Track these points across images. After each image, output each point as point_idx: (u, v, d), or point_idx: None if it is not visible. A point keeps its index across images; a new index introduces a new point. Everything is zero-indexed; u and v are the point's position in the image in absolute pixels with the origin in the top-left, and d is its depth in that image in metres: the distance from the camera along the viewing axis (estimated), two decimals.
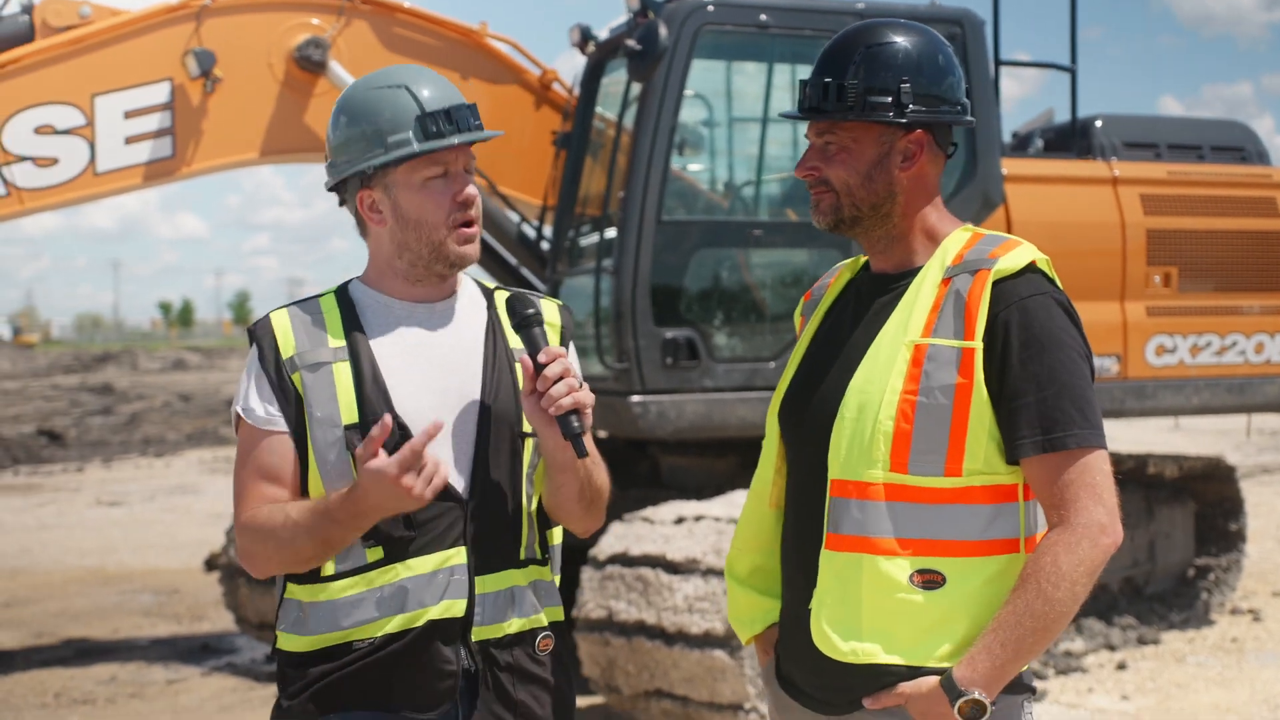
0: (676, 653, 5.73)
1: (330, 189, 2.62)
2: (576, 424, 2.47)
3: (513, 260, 7.82)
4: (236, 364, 47.31)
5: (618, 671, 5.97)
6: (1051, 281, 2.43)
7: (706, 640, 5.68)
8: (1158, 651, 7.65)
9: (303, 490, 2.55)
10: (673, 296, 6.77)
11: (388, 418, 2.37)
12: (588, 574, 6.10)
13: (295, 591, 2.54)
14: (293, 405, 2.50)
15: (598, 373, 6.68)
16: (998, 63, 7.41)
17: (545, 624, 2.61)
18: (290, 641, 2.55)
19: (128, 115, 6.97)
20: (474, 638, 2.52)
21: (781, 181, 7.35)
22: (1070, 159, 7.77)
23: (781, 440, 2.63)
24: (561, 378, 2.46)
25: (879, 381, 2.38)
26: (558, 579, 2.71)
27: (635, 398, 6.57)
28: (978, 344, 2.34)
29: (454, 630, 2.50)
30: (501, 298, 2.69)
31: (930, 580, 2.35)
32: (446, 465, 2.46)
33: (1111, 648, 7.64)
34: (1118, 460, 7.82)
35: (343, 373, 2.50)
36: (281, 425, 2.51)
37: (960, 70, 2.52)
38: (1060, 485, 2.32)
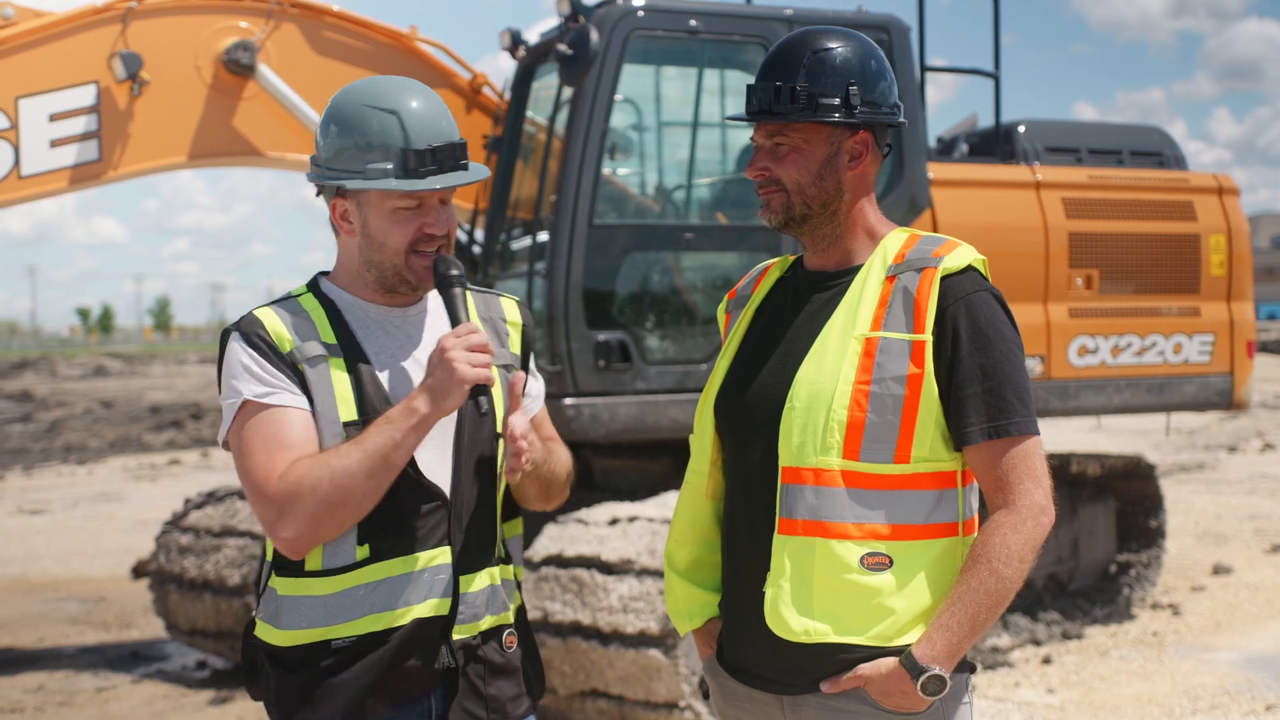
0: (612, 653, 5.77)
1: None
2: (484, 402, 2.48)
3: None
4: (159, 370, 46.70)
5: (553, 672, 5.99)
6: (987, 279, 2.57)
7: (641, 640, 5.72)
8: (1081, 646, 7.79)
9: None
10: (605, 300, 6.80)
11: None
12: (523, 575, 6.11)
13: (275, 582, 2.54)
14: (303, 395, 2.49)
15: None
16: (923, 68, 7.51)
17: (512, 620, 2.66)
18: (267, 632, 2.56)
19: (53, 118, 6.88)
20: (454, 636, 2.55)
21: (712, 185, 7.41)
22: (994, 164, 7.89)
23: (717, 433, 2.71)
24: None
25: (829, 373, 2.48)
26: (520, 571, 2.76)
27: (568, 400, 6.59)
28: (928, 337, 2.47)
29: (436, 629, 2.53)
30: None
31: (879, 563, 2.46)
32: (432, 466, 2.53)
33: (1037, 643, 7.78)
34: None
35: (338, 369, 2.51)
36: (304, 404, 2.49)
37: (892, 74, 2.64)
38: (1003, 469, 2.46)
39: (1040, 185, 7.76)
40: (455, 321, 2.54)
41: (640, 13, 6.76)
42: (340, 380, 2.50)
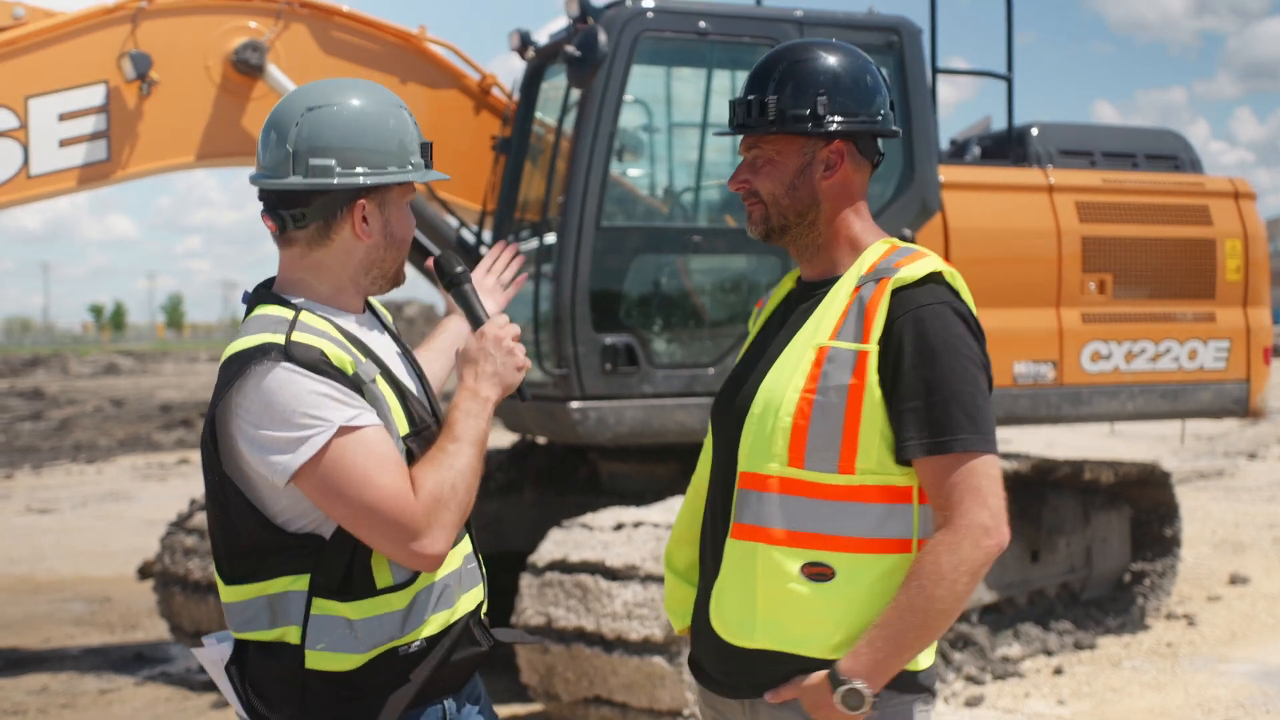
0: (615, 659, 5.72)
1: (303, 196, 2.48)
2: (527, 390, 2.68)
3: None
4: (171, 368, 46.79)
5: (556, 678, 5.95)
6: (955, 292, 2.53)
7: (645, 647, 5.67)
8: (1094, 656, 7.71)
9: None
10: (612, 302, 6.75)
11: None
12: (527, 580, 6.07)
13: (337, 608, 2.42)
14: (376, 413, 2.44)
15: (537, 378, 6.66)
16: (934, 70, 7.45)
17: None
18: (333, 661, 2.43)
19: (62, 118, 6.87)
20: (481, 614, 2.63)
21: (721, 187, 7.36)
22: (1007, 166, 7.83)
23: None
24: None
25: (784, 381, 2.52)
26: None
27: (574, 404, 6.55)
28: (872, 347, 2.47)
29: (478, 615, 2.60)
30: (377, 302, 2.78)
31: (820, 573, 2.46)
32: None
33: (1048, 653, 7.70)
34: (1054, 466, 7.92)
35: (383, 385, 2.49)
36: (381, 422, 2.43)
37: (882, 83, 2.64)
38: (946, 488, 2.44)
39: (1053, 189, 7.70)
40: (476, 317, 2.64)
41: (649, 14, 6.71)
42: (390, 396, 2.49)
